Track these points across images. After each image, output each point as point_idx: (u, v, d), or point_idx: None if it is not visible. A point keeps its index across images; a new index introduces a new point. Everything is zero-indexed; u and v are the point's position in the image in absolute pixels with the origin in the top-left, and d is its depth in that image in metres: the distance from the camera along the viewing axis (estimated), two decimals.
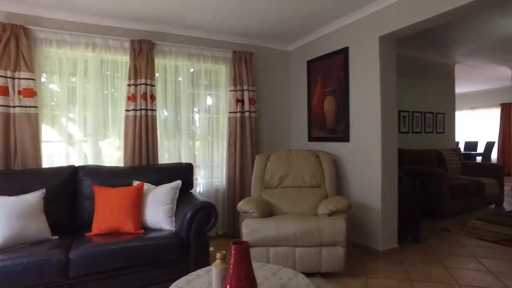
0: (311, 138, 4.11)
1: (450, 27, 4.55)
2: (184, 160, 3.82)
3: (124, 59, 3.50)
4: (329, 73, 3.79)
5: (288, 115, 4.60)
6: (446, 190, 4.58)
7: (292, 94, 4.54)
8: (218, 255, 1.37)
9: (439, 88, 6.16)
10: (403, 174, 3.83)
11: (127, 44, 3.47)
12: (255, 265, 1.70)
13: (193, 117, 3.95)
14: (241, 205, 2.95)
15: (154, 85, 3.56)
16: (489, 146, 9.48)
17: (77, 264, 2.15)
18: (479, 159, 9.46)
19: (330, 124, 3.78)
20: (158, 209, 2.76)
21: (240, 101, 4.02)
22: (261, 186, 3.43)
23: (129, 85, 3.44)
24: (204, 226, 2.65)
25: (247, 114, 4.04)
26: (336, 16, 3.51)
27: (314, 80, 4.05)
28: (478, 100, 10.51)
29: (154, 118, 3.56)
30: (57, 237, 2.47)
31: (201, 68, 3.95)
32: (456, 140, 10.79)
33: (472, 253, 3.30)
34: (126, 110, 3.45)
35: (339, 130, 3.65)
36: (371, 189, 3.29)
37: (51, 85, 3.24)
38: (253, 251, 2.72)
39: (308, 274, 2.79)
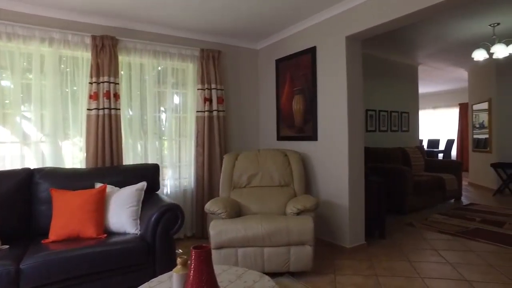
0: (280, 137, 4.11)
1: (412, 30, 4.71)
2: (150, 160, 3.70)
3: (85, 56, 3.33)
4: (297, 72, 3.80)
5: (257, 114, 4.58)
6: (410, 186, 4.74)
7: (261, 93, 4.53)
8: (179, 260, 1.31)
9: (404, 88, 6.38)
10: (370, 171, 3.92)
11: (88, 40, 3.30)
12: (220, 268, 1.66)
13: (159, 117, 3.83)
14: (209, 206, 2.89)
15: (118, 83, 3.42)
16: (449, 143, 9.96)
17: (30, 276, 2.00)
18: (441, 156, 9.91)
19: (299, 123, 3.80)
20: (122, 212, 2.65)
21: (208, 100, 3.95)
22: (230, 186, 3.39)
23: (91, 83, 3.28)
24: (170, 229, 2.57)
25: (215, 113, 3.97)
26: (304, 15, 3.53)
27: (282, 79, 4.05)
28: (439, 100, 11.01)
29: (118, 118, 3.42)
30: (7, 246, 2.30)
31: (167, 66, 3.84)
32: (420, 138, 11.25)
33: (433, 246, 3.44)
34: (88, 109, 3.29)
35: (307, 129, 3.68)
36: (338, 187, 3.34)
37: (3, 81, 3.02)
38: (221, 253, 2.67)
39: (277, 274, 2.79)
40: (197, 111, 3.94)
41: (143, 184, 2.86)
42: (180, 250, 3.41)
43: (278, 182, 3.38)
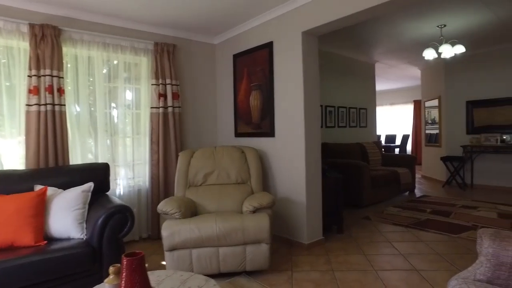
0: (237, 134, 4.05)
1: (368, 28, 4.82)
2: (101, 160, 3.49)
3: (22, 45, 3.05)
4: (255, 67, 3.75)
5: (215, 110, 4.48)
6: (367, 181, 4.87)
7: (219, 89, 4.43)
8: (111, 269, 1.20)
9: (362, 85, 6.55)
10: (328, 167, 3.96)
11: (24, 28, 3.02)
12: (164, 273, 1.57)
13: (111, 113, 3.62)
14: (162, 206, 2.76)
15: (62, 77, 3.17)
16: (405, 138, 10.42)
17: None
18: (397, 150, 10.34)
19: (256, 119, 3.75)
20: (66, 215, 2.46)
21: (163, 95, 3.79)
22: (185, 185, 3.27)
23: (30, 76, 3.02)
24: (119, 232, 2.43)
25: (170, 109, 3.82)
26: (261, 10, 3.47)
27: (240, 75, 3.98)
28: (396, 97, 11.48)
29: (63, 114, 3.18)
30: None
31: (119, 60, 3.63)
32: (378, 133, 11.68)
33: (388, 239, 3.54)
34: (28, 105, 3.03)
35: (264, 125, 3.64)
36: (296, 184, 3.33)
37: None
38: (174, 255, 2.57)
39: (233, 274, 2.73)
40: (151, 107, 3.77)
41: (89, 185, 2.67)
42: None
43: (235, 179, 3.31)
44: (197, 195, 3.16)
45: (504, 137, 6.03)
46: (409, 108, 11.09)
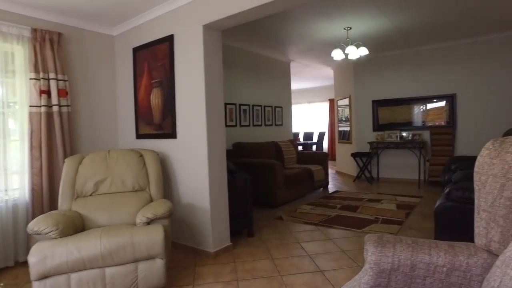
0: (139, 136, 3.67)
1: (281, 27, 4.80)
2: None
3: None
4: (156, 63, 3.41)
5: (115, 110, 4.01)
6: (281, 180, 4.86)
7: (119, 86, 3.98)
8: None
9: (277, 84, 6.59)
10: (237, 167, 3.81)
11: None
12: None
13: None
14: (33, 225, 2.29)
15: None
16: (321, 136, 10.92)
17: None
18: (315, 148, 10.79)
19: (158, 119, 3.42)
20: None
21: (45, 92, 3.24)
22: (71, 196, 2.82)
23: None
24: None
25: (56, 108, 3.29)
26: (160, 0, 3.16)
27: (140, 70, 3.60)
28: (313, 95, 11.98)
29: None
30: None
31: None
32: (297, 131, 12.07)
33: (297, 239, 3.52)
34: None
35: (166, 125, 3.33)
36: (199, 188, 3.10)
37: None
38: (47, 284, 2.14)
39: None
40: (30, 106, 3.20)
41: None
42: (1, 284, 2.69)
43: (131, 187, 2.95)
44: (85, 207, 2.74)
45: (403, 134, 6.60)
46: (326, 106, 11.65)
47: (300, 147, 10.22)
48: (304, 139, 11.49)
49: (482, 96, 5.81)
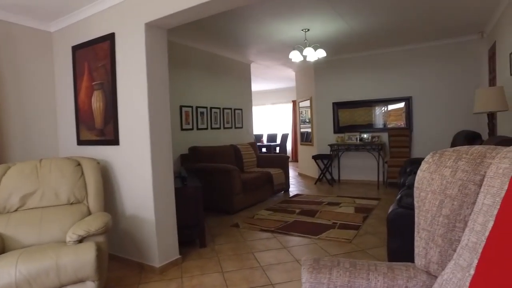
0: (80, 142, 3.36)
1: (239, 27, 4.65)
2: None
3: None
4: (96, 63, 3.14)
5: (54, 114, 3.67)
6: (238, 185, 4.70)
7: (59, 87, 3.63)
8: None
9: (237, 85, 6.43)
10: (188, 174, 3.61)
11: None
12: None
13: None
14: None
15: None
16: (284, 137, 10.90)
17: None
18: (278, 149, 10.75)
19: (100, 124, 3.14)
20: None
21: None
22: None
23: None
24: None
25: None
26: None
27: (80, 71, 3.30)
28: (277, 97, 11.95)
29: None
30: None
31: None
32: (261, 132, 11.99)
33: (251, 249, 3.37)
34: None
35: (108, 131, 3.07)
36: (143, 198, 2.87)
37: None
38: None
39: None
40: None
41: None
42: None
43: (66, 199, 2.67)
44: (7, 226, 2.42)
45: (364, 136, 6.67)
46: (289, 108, 11.66)
47: (264, 149, 10.15)
48: (268, 140, 11.43)
49: (434, 99, 5.99)
